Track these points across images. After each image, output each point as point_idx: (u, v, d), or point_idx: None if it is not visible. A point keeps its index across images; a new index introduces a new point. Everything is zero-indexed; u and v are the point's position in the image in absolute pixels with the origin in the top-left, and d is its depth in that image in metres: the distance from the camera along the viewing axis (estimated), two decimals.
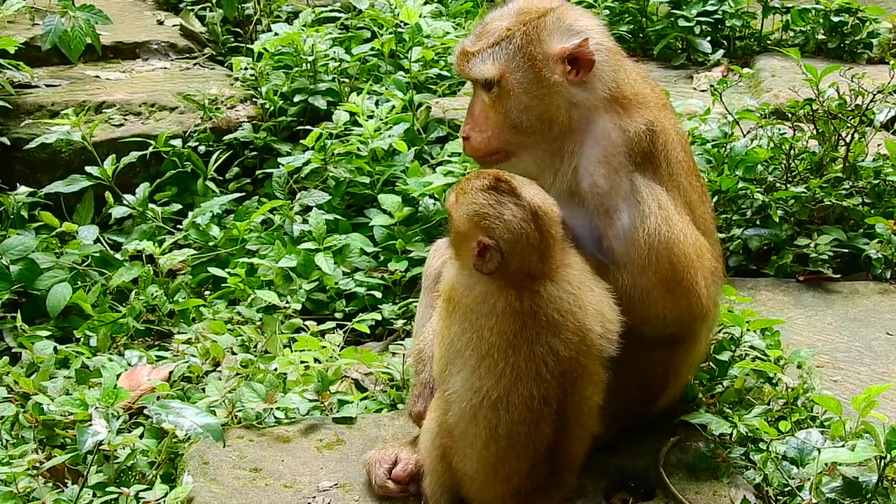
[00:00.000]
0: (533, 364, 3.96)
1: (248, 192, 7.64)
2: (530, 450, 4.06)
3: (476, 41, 4.36)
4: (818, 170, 6.60)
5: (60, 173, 7.36)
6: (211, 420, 4.17)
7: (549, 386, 3.99)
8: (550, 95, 4.29)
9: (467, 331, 4.02)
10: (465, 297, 4.03)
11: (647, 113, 4.38)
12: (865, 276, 6.37)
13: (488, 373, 3.99)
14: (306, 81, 8.07)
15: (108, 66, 8.78)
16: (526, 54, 4.28)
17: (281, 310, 6.07)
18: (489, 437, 4.04)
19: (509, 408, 3.99)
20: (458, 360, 4.06)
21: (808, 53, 9.09)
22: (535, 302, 3.97)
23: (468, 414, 4.05)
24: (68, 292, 6.38)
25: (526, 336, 3.97)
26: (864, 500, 4.10)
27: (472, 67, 4.34)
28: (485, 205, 3.96)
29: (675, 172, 4.45)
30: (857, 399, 4.11)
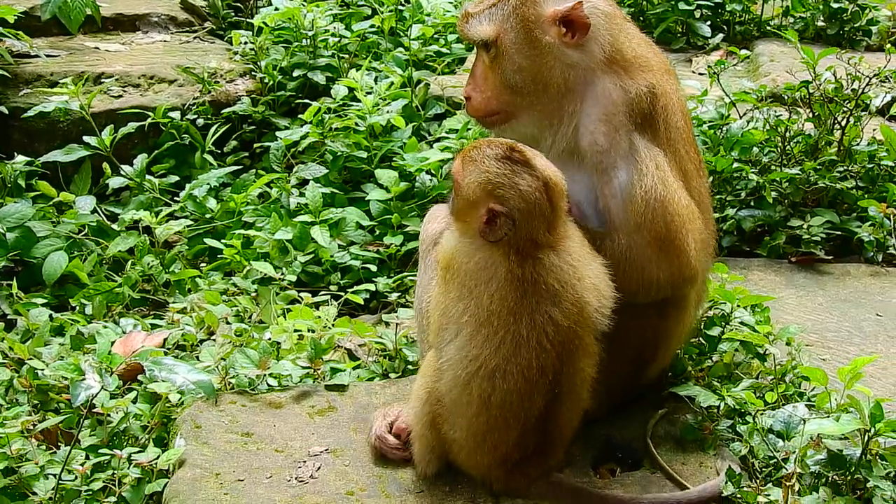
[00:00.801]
0: (534, 333, 3.99)
1: (245, 165, 7.68)
2: (521, 419, 4.09)
3: (477, 3, 4.43)
4: (813, 153, 6.64)
5: (58, 143, 7.39)
6: (203, 377, 4.22)
7: (549, 356, 4.02)
8: (543, 56, 4.35)
9: (465, 298, 4.05)
10: (466, 264, 4.05)
11: (648, 76, 4.43)
12: (857, 258, 6.41)
13: (486, 341, 4.02)
14: (306, 56, 8.10)
15: (107, 37, 8.81)
16: (520, 15, 4.34)
17: (276, 281, 6.10)
18: (481, 406, 4.07)
19: (506, 377, 4.02)
20: (453, 327, 4.09)
21: (808, 39, 9.12)
22: (536, 270, 4.00)
23: (462, 382, 4.07)
24: (64, 261, 6.42)
25: (527, 304, 3.99)
26: (848, 472, 4.14)
27: (469, 28, 4.41)
28: (499, 174, 3.99)
29: (673, 138, 4.49)
30: (843, 370, 4.15)
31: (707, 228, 4.62)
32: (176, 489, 4.28)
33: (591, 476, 4.40)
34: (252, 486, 4.30)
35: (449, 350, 4.11)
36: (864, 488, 4.13)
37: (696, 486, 4.28)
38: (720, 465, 4.37)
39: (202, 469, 4.38)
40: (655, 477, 4.39)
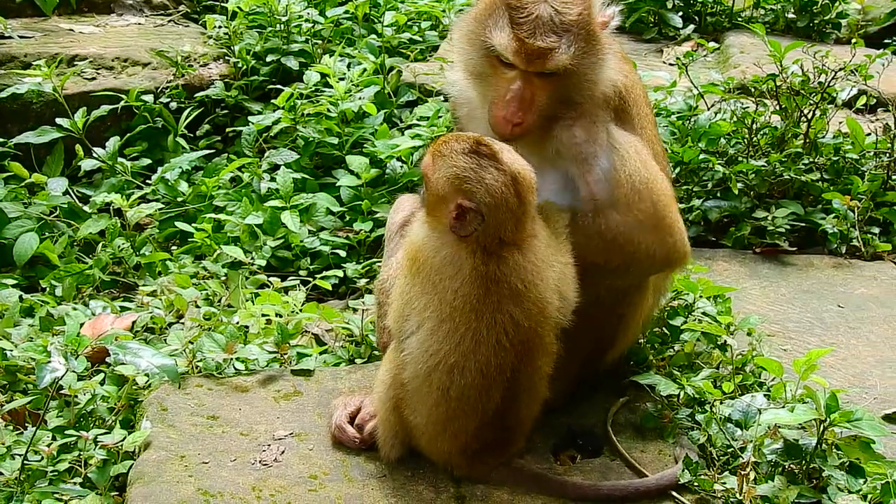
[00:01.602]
0: (494, 331, 4.03)
1: (218, 149, 7.70)
2: (479, 413, 4.15)
3: (545, 36, 4.25)
4: (779, 145, 6.72)
5: (31, 125, 7.39)
6: (167, 361, 4.26)
7: (507, 354, 4.06)
8: (600, 62, 4.39)
9: (429, 292, 4.08)
10: (432, 259, 4.07)
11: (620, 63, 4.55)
12: (821, 250, 6.49)
13: (447, 337, 4.05)
14: (279, 42, 8.13)
15: (82, 19, 8.82)
16: (589, 33, 4.33)
17: (246, 266, 6.13)
18: (440, 398, 4.13)
19: (464, 373, 4.07)
20: (415, 319, 4.13)
21: (778, 32, 9.22)
22: (500, 269, 4.02)
23: (422, 374, 4.13)
24: (35, 242, 6.45)
25: (489, 302, 4.02)
26: (804, 461, 4.22)
27: (551, 63, 4.27)
28: (466, 168, 3.99)
29: (644, 125, 4.62)
30: (798, 362, 4.22)
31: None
32: (141, 471, 4.32)
33: (552, 463, 4.46)
34: (216, 468, 4.35)
35: (411, 342, 4.16)
36: (819, 477, 4.21)
37: (654, 473, 4.35)
38: (678, 454, 4.44)
39: (167, 451, 4.43)
40: (615, 464, 4.46)
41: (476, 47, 4.41)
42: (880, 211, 6.56)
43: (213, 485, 4.25)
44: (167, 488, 4.22)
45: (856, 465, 4.21)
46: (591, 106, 4.42)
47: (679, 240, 4.51)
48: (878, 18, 9.53)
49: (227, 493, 4.22)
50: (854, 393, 5.03)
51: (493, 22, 4.31)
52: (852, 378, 5.20)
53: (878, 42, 8.88)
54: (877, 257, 6.42)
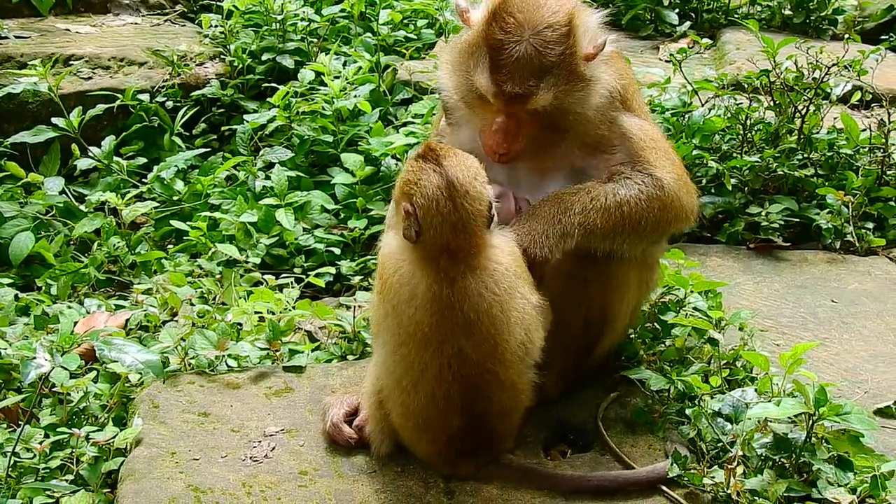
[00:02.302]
0: (437, 362, 4.04)
1: (214, 148, 7.72)
2: (444, 428, 4.18)
3: (524, 79, 4.27)
4: (774, 140, 6.72)
5: (28, 124, 7.42)
6: (152, 357, 4.27)
7: (451, 387, 4.07)
8: (588, 88, 4.42)
9: (390, 315, 4.10)
10: (391, 277, 4.08)
11: (614, 65, 4.59)
12: (816, 245, 6.50)
13: (402, 360, 4.11)
14: (275, 40, 8.15)
15: (78, 19, 8.83)
16: (572, 71, 4.34)
17: (240, 263, 6.14)
18: (406, 413, 4.19)
19: (420, 395, 4.11)
20: (381, 337, 4.22)
21: (774, 28, 9.22)
22: (454, 292, 3.99)
23: (388, 386, 4.21)
24: (31, 241, 6.47)
25: (440, 331, 4.01)
26: (793, 455, 4.22)
27: (535, 103, 4.31)
28: (411, 172, 4.03)
29: (646, 113, 4.80)
30: (784, 356, 4.22)
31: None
32: (132, 467, 4.34)
33: (542, 457, 4.47)
34: (207, 464, 4.37)
35: (379, 355, 4.25)
36: (809, 471, 4.21)
37: (644, 467, 4.36)
38: (668, 448, 4.45)
39: (158, 448, 4.45)
40: (605, 459, 4.47)
41: (461, 79, 4.45)
42: (874, 206, 6.57)
43: (203, 481, 4.26)
44: (158, 485, 4.23)
45: (844, 459, 4.21)
46: (586, 121, 4.48)
47: (696, 200, 4.78)
48: (874, 14, 9.53)
49: (217, 489, 4.23)
50: (846, 387, 5.04)
51: (475, 61, 4.34)
52: (845, 373, 5.20)
53: (874, 38, 8.91)
54: (871, 252, 6.43)
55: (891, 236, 6.50)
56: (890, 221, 6.55)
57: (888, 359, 5.35)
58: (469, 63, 4.36)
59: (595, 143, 4.54)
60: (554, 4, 4.34)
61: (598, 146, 4.55)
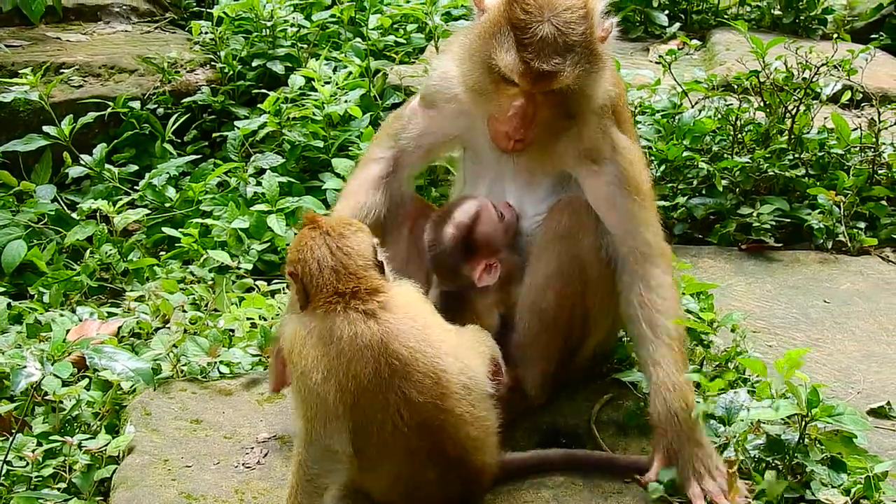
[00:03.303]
0: (387, 417, 3.91)
1: (205, 154, 7.71)
2: (425, 485, 4.09)
3: (548, 58, 4.25)
4: (764, 141, 6.73)
5: (19, 132, 7.40)
6: (142, 364, 4.26)
7: (409, 439, 3.94)
8: (602, 73, 4.45)
9: (326, 393, 3.89)
10: (305, 353, 3.93)
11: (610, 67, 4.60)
12: (808, 245, 6.50)
13: (357, 434, 3.93)
14: (265, 46, 8.14)
15: (69, 27, 8.83)
16: (592, 51, 4.35)
17: (232, 270, 6.14)
18: (385, 488, 4.12)
19: (388, 461, 4.01)
20: (330, 430, 3.95)
21: (764, 28, 9.23)
22: (377, 326, 3.91)
23: (356, 471, 4.04)
24: (23, 250, 6.48)
25: (378, 379, 3.88)
26: (787, 457, 4.23)
27: (559, 82, 4.30)
28: (291, 247, 4.15)
29: (630, 127, 4.85)
30: (780, 363, 4.21)
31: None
32: (124, 475, 4.35)
33: None
34: (199, 471, 4.37)
35: (334, 454, 3.98)
36: (802, 472, 4.22)
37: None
38: None
39: (151, 455, 4.45)
40: None
41: (478, 64, 4.41)
42: (866, 206, 6.57)
43: (196, 488, 4.27)
44: (150, 492, 4.24)
45: (837, 460, 4.22)
46: (590, 114, 4.51)
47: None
48: (864, 14, 9.53)
49: (209, 496, 4.24)
50: (839, 388, 5.05)
51: (498, 42, 4.30)
52: (837, 373, 5.21)
53: (864, 37, 8.88)
54: (863, 252, 6.44)
55: (882, 236, 6.51)
56: (881, 221, 6.56)
57: (881, 359, 5.36)
58: (490, 44, 4.33)
59: (589, 148, 4.55)
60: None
61: (591, 153, 4.56)
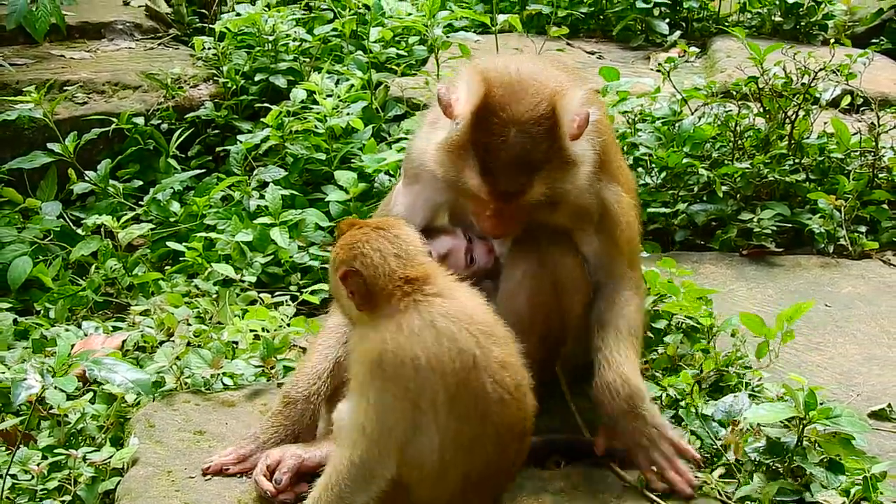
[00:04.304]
0: (491, 388, 3.89)
1: (209, 169, 7.77)
2: (501, 476, 4.11)
3: (515, 177, 4.28)
4: (764, 147, 6.74)
5: (24, 150, 7.47)
6: (142, 376, 4.31)
7: (509, 408, 3.94)
8: (578, 166, 4.43)
9: (436, 376, 3.83)
10: (397, 345, 3.83)
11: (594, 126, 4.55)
12: (809, 250, 6.51)
13: (457, 420, 3.88)
14: (267, 61, 8.19)
15: (73, 45, 8.90)
16: (562, 157, 4.33)
17: (236, 283, 6.18)
18: (458, 478, 4.00)
19: (483, 447, 3.95)
20: (424, 437, 3.88)
21: (765, 35, 9.26)
22: (458, 303, 3.94)
23: (436, 474, 3.95)
24: (29, 266, 6.53)
25: (480, 352, 3.87)
26: (786, 459, 4.25)
27: (521, 199, 4.32)
28: (335, 253, 4.04)
29: (620, 165, 4.89)
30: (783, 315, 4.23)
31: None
32: (128, 487, 4.37)
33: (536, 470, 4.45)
34: (202, 483, 4.39)
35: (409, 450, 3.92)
36: (803, 474, 4.24)
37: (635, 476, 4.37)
38: None
39: (154, 467, 4.48)
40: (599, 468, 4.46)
41: (451, 175, 4.38)
42: (867, 209, 6.59)
43: (199, 499, 4.29)
44: (154, 503, 4.26)
45: (835, 462, 4.23)
46: (574, 191, 4.48)
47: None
48: (864, 18, 9.57)
49: None
50: (841, 391, 5.06)
51: (464, 161, 4.30)
52: (839, 376, 5.22)
53: (865, 42, 8.93)
54: (864, 256, 6.45)
55: (884, 239, 6.52)
56: (882, 224, 6.58)
57: (882, 361, 5.37)
58: (458, 164, 4.31)
59: (578, 212, 4.57)
60: (535, 93, 4.29)
61: (580, 215, 4.59)
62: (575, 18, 9.60)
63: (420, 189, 4.72)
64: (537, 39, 8.75)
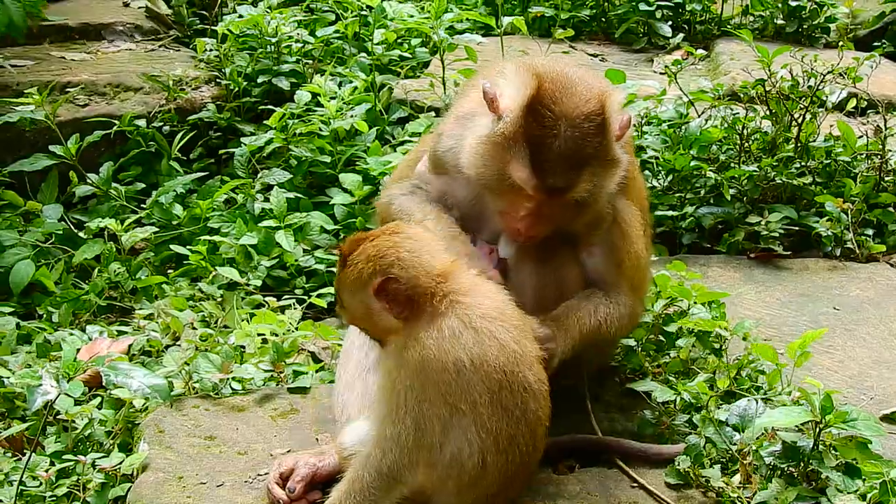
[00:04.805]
0: (528, 379, 3.94)
1: (212, 171, 7.72)
2: (527, 468, 4.09)
3: (563, 174, 4.25)
4: (771, 150, 6.72)
5: (26, 152, 7.39)
6: (158, 381, 4.27)
7: (542, 402, 4.00)
8: (615, 171, 4.44)
9: (478, 374, 3.86)
10: (442, 350, 3.83)
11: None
12: (816, 253, 6.50)
13: (498, 414, 3.90)
14: (270, 63, 8.15)
15: (74, 47, 8.84)
16: (608, 156, 4.34)
17: (241, 286, 6.15)
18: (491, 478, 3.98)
19: (514, 441, 3.94)
20: (464, 436, 3.89)
21: (768, 38, 9.26)
22: (492, 298, 3.99)
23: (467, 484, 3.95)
24: (31, 269, 6.47)
25: (515, 347, 3.93)
26: (802, 463, 4.22)
27: (567, 195, 4.30)
28: (356, 265, 3.93)
29: (635, 178, 4.87)
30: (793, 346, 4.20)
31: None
32: (139, 493, 4.34)
33: (550, 473, 4.44)
34: (214, 488, 4.36)
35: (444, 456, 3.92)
36: (818, 479, 4.21)
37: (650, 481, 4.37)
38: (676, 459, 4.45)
39: (165, 473, 4.44)
40: (612, 472, 4.46)
41: (492, 170, 4.34)
42: (874, 212, 6.58)
43: None
44: None
45: (852, 466, 4.21)
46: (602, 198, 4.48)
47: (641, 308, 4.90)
48: (866, 21, 9.58)
49: None
50: (852, 394, 5.05)
51: (514, 154, 4.26)
52: (849, 380, 5.21)
53: (867, 45, 8.93)
54: (872, 259, 6.44)
55: (891, 242, 6.51)
56: (889, 227, 6.56)
57: (892, 364, 5.36)
58: (504, 156, 4.27)
59: (593, 218, 4.54)
60: (585, 90, 4.30)
61: (594, 220, 4.55)
62: (577, 21, 9.58)
63: (448, 180, 4.70)
64: (541, 42, 8.72)
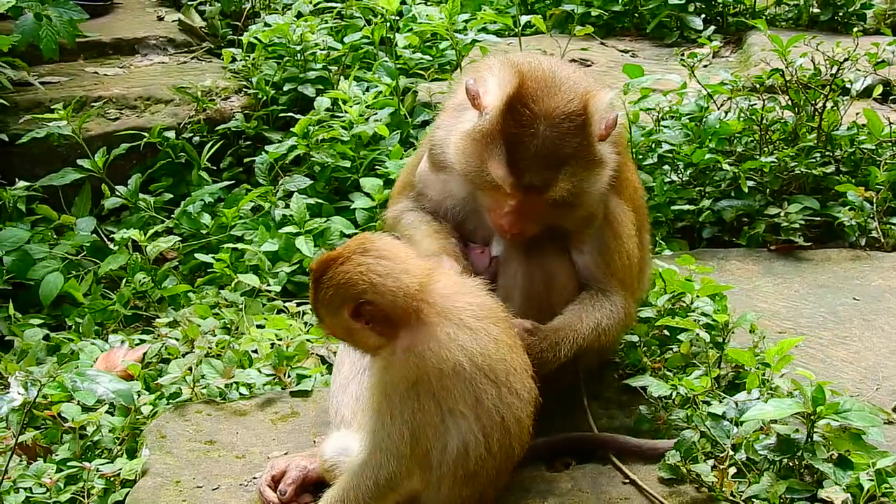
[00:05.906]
0: (519, 377, 3.99)
1: (241, 180, 7.79)
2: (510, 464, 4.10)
3: (540, 173, 4.26)
4: (793, 140, 6.64)
5: (58, 167, 7.50)
6: (122, 386, 4.37)
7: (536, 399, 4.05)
8: (602, 169, 4.43)
9: (480, 373, 3.89)
10: (435, 359, 3.84)
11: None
12: (842, 244, 6.41)
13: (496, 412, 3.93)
14: (296, 70, 8.21)
15: (107, 62, 8.97)
16: (589, 156, 4.34)
17: (263, 292, 6.21)
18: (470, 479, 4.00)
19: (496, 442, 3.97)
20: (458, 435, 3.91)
21: (802, 27, 9.13)
22: (475, 296, 4.01)
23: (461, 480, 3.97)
24: (60, 281, 6.60)
25: (507, 340, 4.00)
26: (795, 456, 4.18)
27: (545, 194, 4.30)
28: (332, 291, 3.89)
29: (627, 176, 4.79)
30: (771, 352, 4.16)
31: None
32: (137, 497, 4.41)
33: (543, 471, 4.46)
34: (210, 492, 4.43)
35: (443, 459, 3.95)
36: (815, 471, 4.17)
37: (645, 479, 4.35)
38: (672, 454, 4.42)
39: (163, 477, 4.51)
40: (607, 468, 4.46)
41: (473, 165, 4.36)
42: None
43: None
44: None
45: (844, 458, 4.16)
46: (590, 196, 4.47)
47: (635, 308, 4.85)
48: None
49: None
50: (865, 385, 5.00)
51: (491, 152, 4.27)
52: (864, 370, 5.15)
53: None
54: None
55: None
56: None
57: None
58: (483, 153, 4.29)
59: (584, 216, 4.53)
60: (568, 89, 4.31)
61: (587, 218, 4.55)
62: (609, 17, 9.54)
63: (447, 178, 4.70)
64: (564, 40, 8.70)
